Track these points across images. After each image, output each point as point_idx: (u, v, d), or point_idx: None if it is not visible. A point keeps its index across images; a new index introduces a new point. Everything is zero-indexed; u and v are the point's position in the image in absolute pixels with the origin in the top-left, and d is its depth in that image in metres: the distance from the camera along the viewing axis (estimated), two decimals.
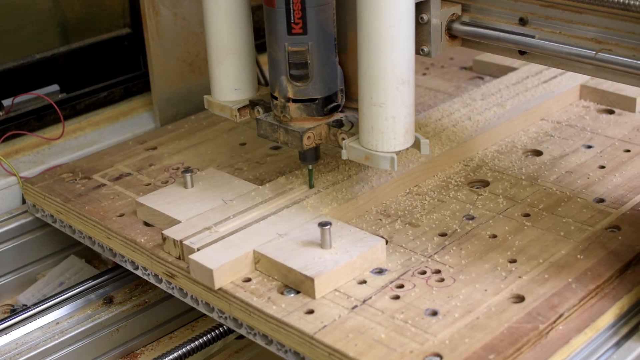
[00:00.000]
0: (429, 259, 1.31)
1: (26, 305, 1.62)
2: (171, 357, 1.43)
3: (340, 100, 1.40)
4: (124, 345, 1.57)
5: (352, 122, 1.38)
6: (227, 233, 1.36)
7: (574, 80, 1.79)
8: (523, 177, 1.51)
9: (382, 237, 1.37)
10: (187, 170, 1.50)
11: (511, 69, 1.89)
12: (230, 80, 1.48)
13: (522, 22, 1.32)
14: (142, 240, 1.43)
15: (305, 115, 1.38)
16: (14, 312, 1.60)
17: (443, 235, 1.37)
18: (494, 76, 1.91)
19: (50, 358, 1.50)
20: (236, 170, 1.60)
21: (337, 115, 1.40)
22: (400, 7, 1.20)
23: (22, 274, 1.70)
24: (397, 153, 1.28)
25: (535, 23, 1.31)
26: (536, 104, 1.70)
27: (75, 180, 1.63)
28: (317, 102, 1.37)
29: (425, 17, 1.36)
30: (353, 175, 1.48)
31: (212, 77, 1.49)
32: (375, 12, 1.21)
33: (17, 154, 1.80)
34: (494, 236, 1.35)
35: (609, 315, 1.22)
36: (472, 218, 1.40)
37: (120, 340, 1.56)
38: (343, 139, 1.35)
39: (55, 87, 1.87)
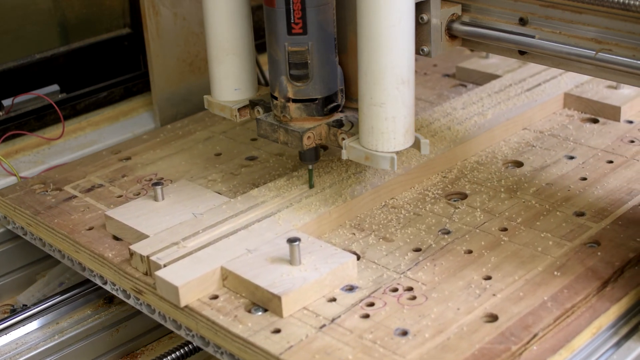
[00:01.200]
0: (402, 276, 1.27)
1: (26, 305, 1.60)
2: (171, 357, 1.42)
3: (340, 100, 1.39)
4: (124, 345, 1.56)
5: (352, 122, 1.38)
6: (195, 248, 1.32)
7: (557, 88, 1.75)
8: (502, 190, 1.47)
9: (355, 252, 1.33)
10: (157, 182, 1.46)
11: (494, 77, 1.85)
12: (230, 80, 1.47)
13: (522, 22, 1.32)
14: (110, 255, 1.39)
15: (305, 115, 1.37)
16: (14, 312, 1.59)
17: (417, 250, 1.33)
18: (477, 84, 1.87)
19: (50, 358, 1.49)
20: (210, 182, 1.57)
21: (337, 115, 1.39)
22: (400, 7, 1.20)
23: (22, 274, 1.69)
24: (397, 153, 1.27)
25: (535, 23, 1.31)
26: (518, 113, 1.66)
27: (47, 191, 1.59)
28: (317, 102, 1.36)
29: (425, 17, 1.36)
30: (327, 188, 1.45)
31: (212, 77, 1.49)
32: (375, 12, 1.20)
33: (17, 154, 1.80)
34: (470, 251, 1.31)
35: (609, 316, 1.20)
36: (448, 232, 1.37)
37: (120, 340, 1.56)
38: (343, 139, 1.35)
39: (55, 87, 1.87)
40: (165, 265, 1.29)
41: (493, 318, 1.17)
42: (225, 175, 1.59)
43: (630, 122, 1.68)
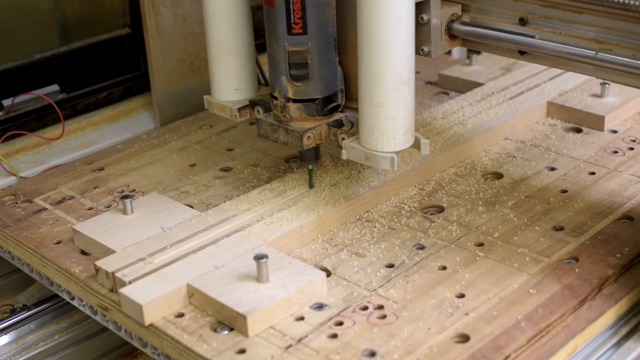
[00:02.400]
0: (373, 293, 1.23)
1: (26, 305, 1.58)
2: None
3: (340, 100, 1.39)
4: (123, 346, 1.55)
5: (352, 122, 1.37)
6: (161, 264, 1.28)
7: (540, 97, 1.71)
8: (480, 202, 1.43)
9: (326, 268, 1.30)
10: (126, 196, 1.43)
11: (477, 84, 1.81)
12: (230, 80, 1.47)
13: (522, 22, 1.31)
14: (77, 270, 1.35)
15: (305, 115, 1.37)
16: (13, 312, 1.56)
17: (390, 266, 1.29)
18: (459, 91, 1.83)
19: (50, 358, 1.47)
20: (182, 194, 1.53)
21: (337, 115, 1.39)
22: (400, 7, 1.20)
23: (22, 274, 1.64)
24: (397, 153, 1.27)
25: (535, 23, 1.30)
26: (499, 122, 1.62)
27: (17, 203, 1.56)
28: (317, 102, 1.36)
29: (425, 17, 1.35)
30: (300, 201, 1.41)
31: (212, 77, 1.48)
32: (375, 12, 1.20)
33: (17, 154, 1.80)
34: (444, 268, 1.28)
35: (609, 316, 1.19)
36: (423, 248, 1.33)
37: (120, 340, 1.52)
38: (343, 139, 1.34)
39: (55, 87, 1.87)
40: (130, 282, 1.25)
41: (464, 338, 1.13)
42: (199, 187, 1.55)
43: (614, 131, 1.64)
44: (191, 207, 1.48)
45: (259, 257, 1.21)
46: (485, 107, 1.68)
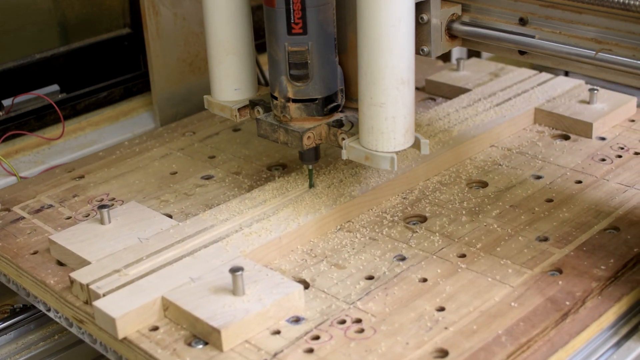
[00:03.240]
0: (351, 306, 1.20)
1: (26, 305, 1.55)
2: None
3: (340, 100, 1.39)
4: None
5: (352, 122, 1.37)
6: (137, 276, 1.26)
7: (528, 103, 1.68)
8: (464, 212, 1.40)
9: (304, 280, 1.27)
10: (104, 205, 1.40)
11: (464, 90, 1.78)
12: (230, 80, 1.46)
13: (522, 22, 1.32)
14: (52, 281, 1.33)
15: (305, 115, 1.36)
16: (14, 312, 1.54)
17: (370, 278, 1.26)
18: (446, 97, 1.81)
19: (50, 358, 1.46)
20: (162, 203, 1.50)
21: (337, 115, 1.38)
22: (400, 7, 1.19)
23: None
24: (397, 153, 1.26)
25: (535, 23, 1.31)
26: (486, 129, 1.59)
27: None
28: (317, 102, 1.35)
29: (425, 17, 1.36)
30: (280, 211, 1.38)
31: (212, 77, 1.48)
32: (375, 12, 1.19)
33: (17, 154, 1.79)
34: (424, 280, 1.25)
35: (609, 316, 1.18)
36: (404, 259, 1.30)
37: None
38: (343, 139, 1.34)
39: (55, 87, 1.87)
40: (104, 295, 1.22)
41: (443, 353, 1.10)
42: (179, 195, 1.52)
43: (603, 138, 1.61)
44: (170, 216, 1.46)
45: (234, 270, 1.19)
46: (471, 113, 1.65)
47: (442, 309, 1.18)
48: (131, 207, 1.44)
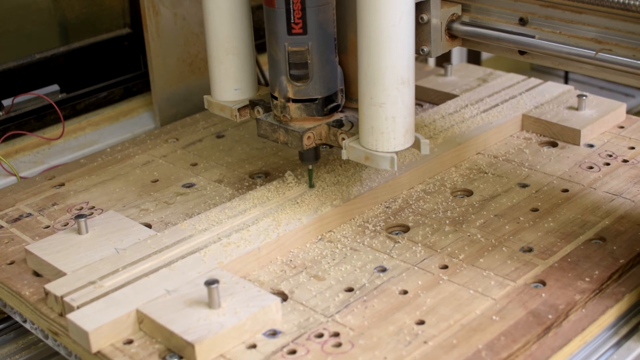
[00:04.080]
0: (329, 320, 1.18)
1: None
2: None
3: (340, 100, 1.39)
4: None
5: (352, 122, 1.37)
6: (112, 288, 1.23)
7: (516, 109, 1.66)
8: (447, 222, 1.38)
9: (282, 292, 1.25)
10: (81, 215, 1.38)
11: (452, 96, 1.75)
12: (230, 80, 1.46)
13: (522, 22, 1.32)
14: (28, 292, 1.30)
15: (305, 115, 1.36)
16: None
17: (349, 290, 1.24)
18: (433, 103, 1.78)
19: (50, 358, 1.46)
20: (142, 212, 1.48)
21: (337, 115, 1.38)
22: (400, 7, 1.19)
23: None
24: (397, 153, 1.26)
25: (535, 23, 1.31)
26: (472, 136, 1.56)
27: None
28: (317, 102, 1.35)
29: (425, 17, 1.36)
30: (260, 220, 1.35)
31: (212, 77, 1.48)
32: (375, 12, 1.19)
33: (17, 154, 1.79)
34: (405, 292, 1.22)
35: (609, 315, 1.18)
36: (384, 270, 1.27)
37: None
38: (343, 139, 1.34)
39: (55, 87, 1.87)
40: (78, 307, 1.20)
41: None
42: (159, 204, 1.50)
43: (591, 145, 1.58)
44: (149, 226, 1.43)
45: (209, 283, 1.16)
46: (457, 120, 1.62)
47: (421, 323, 1.16)
48: (109, 217, 1.42)
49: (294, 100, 1.35)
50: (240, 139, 1.70)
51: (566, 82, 3.13)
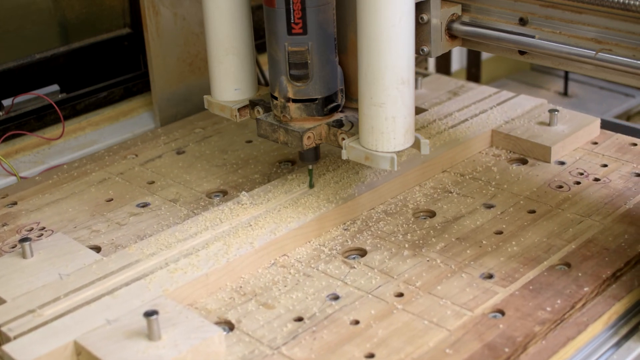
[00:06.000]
0: (275, 352, 1.12)
1: None
2: None
3: (340, 100, 1.39)
4: None
5: (352, 122, 1.37)
6: (52, 317, 1.18)
7: (485, 124, 1.60)
8: (407, 245, 1.32)
9: (229, 321, 1.19)
10: (26, 238, 1.32)
11: (420, 110, 1.69)
12: (230, 80, 1.47)
13: (522, 22, 1.32)
14: None
15: (305, 115, 1.36)
16: None
17: (299, 320, 1.18)
18: None
19: None
20: (93, 233, 1.42)
21: (337, 115, 1.39)
22: (400, 7, 1.20)
23: None
24: (397, 153, 1.26)
25: (535, 23, 1.31)
26: (438, 154, 1.51)
27: None
28: (317, 102, 1.36)
29: (425, 17, 1.37)
30: (210, 244, 1.30)
31: (212, 77, 1.48)
32: (375, 12, 1.19)
33: (17, 154, 1.78)
34: (357, 322, 1.17)
35: (609, 315, 1.17)
36: (337, 298, 1.22)
37: None
38: (343, 139, 1.34)
39: (55, 87, 1.86)
40: (15, 338, 1.14)
41: None
42: (111, 225, 1.44)
43: (562, 163, 1.52)
44: (99, 248, 1.38)
45: (149, 314, 1.11)
46: (424, 136, 1.55)
47: (371, 356, 1.10)
48: (56, 240, 1.36)
49: (294, 100, 1.35)
50: (200, 155, 1.64)
51: (566, 82, 3.09)
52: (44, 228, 1.46)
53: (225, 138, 1.70)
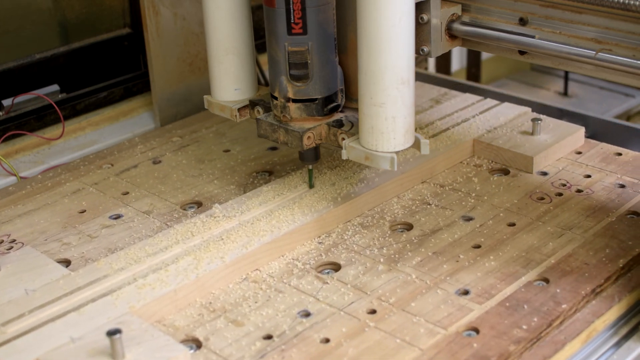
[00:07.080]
0: None
1: None
2: None
3: (340, 100, 1.39)
4: None
5: (352, 122, 1.37)
6: (15, 335, 1.15)
7: (467, 134, 1.56)
8: (382, 260, 1.29)
9: (197, 339, 1.16)
10: None
11: None
12: (230, 80, 1.47)
13: (522, 22, 1.33)
14: None
15: (305, 115, 1.37)
16: None
17: (268, 338, 1.15)
18: None
19: None
20: (63, 246, 1.39)
21: (337, 115, 1.39)
22: (400, 7, 1.20)
23: None
24: (397, 153, 1.27)
25: (535, 23, 1.32)
26: (417, 164, 1.47)
27: None
28: (317, 102, 1.36)
29: (425, 17, 1.37)
30: (180, 259, 1.27)
31: (212, 77, 1.49)
32: (375, 12, 1.20)
33: (17, 154, 1.78)
34: (327, 340, 1.13)
35: (609, 316, 1.17)
36: (308, 315, 1.19)
37: None
38: (343, 139, 1.34)
39: (55, 87, 1.86)
40: None
41: None
42: (82, 237, 1.41)
43: (545, 173, 1.49)
44: (69, 262, 1.35)
45: (111, 333, 1.08)
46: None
47: None
48: (25, 254, 1.33)
49: (294, 100, 1.35)
50: (177, 165, 1.61)
51: (566, 82, 3.07)
52: (14, 240, 1.43)
53: (203, 147, 1.67)
